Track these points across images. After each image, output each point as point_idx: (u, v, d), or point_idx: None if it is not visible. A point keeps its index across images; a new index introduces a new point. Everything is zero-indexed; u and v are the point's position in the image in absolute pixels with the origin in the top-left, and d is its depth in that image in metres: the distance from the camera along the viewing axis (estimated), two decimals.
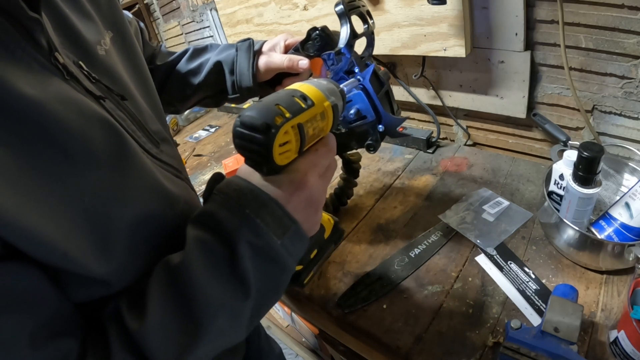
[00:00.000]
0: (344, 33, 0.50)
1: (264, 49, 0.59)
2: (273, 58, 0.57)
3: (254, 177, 0.34)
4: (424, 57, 0.88)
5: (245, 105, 0.60)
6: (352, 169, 0.75)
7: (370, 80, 0.50)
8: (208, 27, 1.58)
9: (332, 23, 0.94)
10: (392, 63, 0.99)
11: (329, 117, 0.37)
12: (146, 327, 0.30)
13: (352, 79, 0.48)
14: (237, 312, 0.33)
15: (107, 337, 0.31)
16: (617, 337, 0.46)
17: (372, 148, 0.55)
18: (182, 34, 1.81)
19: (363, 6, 0.53)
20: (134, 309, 0.31)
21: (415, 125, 1.10)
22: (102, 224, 0.31)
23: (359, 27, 0.53)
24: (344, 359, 0.90)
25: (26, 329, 0.26)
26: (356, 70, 0.51)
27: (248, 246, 0.32)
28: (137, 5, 1.99)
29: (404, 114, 1.10)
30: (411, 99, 1.00)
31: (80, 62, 0.35)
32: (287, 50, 0.58)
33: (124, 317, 0.31)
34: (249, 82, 0.58)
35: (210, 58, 0.61)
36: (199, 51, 0.63)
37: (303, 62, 0.55)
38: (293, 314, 1.19)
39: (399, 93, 1.03)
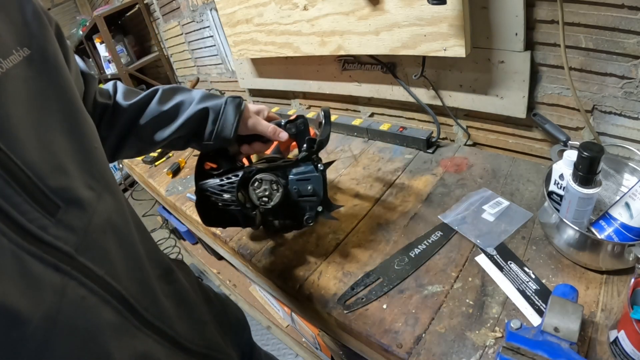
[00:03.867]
0: (327, 132, 0.64)
1: (251, 110, 0.64)
2: (261, 123, 0.63)
3: None
4: (424, 57, 0.88)
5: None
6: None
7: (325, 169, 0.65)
8: (208, 27, 1.58)
9: (332, 23, 0.95)
10: (392, 63, 0.99)
11: None
12: None
13: None
14: None
15: None
16: (617, 337, 0.46)
17: (311, 221, 0.66)
18: (182, 34, 1.81)
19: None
20: None
21: (415, 125, 1.10)
22: None
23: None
24: (344, 359, 0.90)
25: None
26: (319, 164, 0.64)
27: None
28: (137, 5, 1.99)
29: (404, 113, 1.11)
30: (411, 99, 1.00)
31: None
32: (268, 120, 0.67)
33: None
34: (230, 135, 0.61)
35: (186, 101, 0.60)
36: (169, 93, 0.61)
37: (284, 134, 0.64)
38: (293, 314, 1.19)
39: (399, 93, 1.03)
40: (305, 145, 0.65)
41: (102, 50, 2.30)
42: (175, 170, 1.18)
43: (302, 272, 0.70)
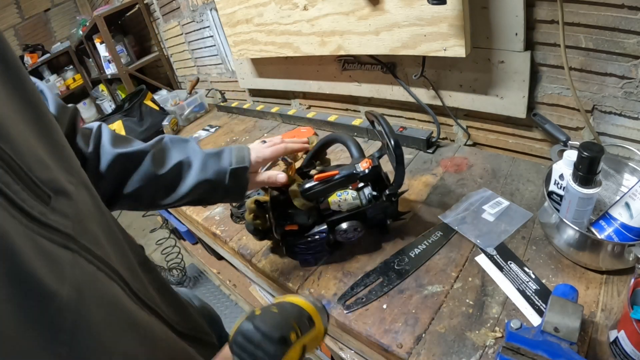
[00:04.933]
0: (401, 176, 0.64)
1: (253, 162, 0.60)
2: (257, 181, 0.62)
3: None
4: (424, 57, 0.88)
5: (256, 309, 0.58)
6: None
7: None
8: (208, 27, 1.58)
9: (332, 23, 0.95)
10: (392, 63, 0.99)
11: (319, 340, 0.43)
12: None
13: None
14: None
15: None
16: (617, 337, 0.46)
17: (387, 231, 0.73)
18: (182, 34, 1.81)
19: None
20: None
21: (415, 125, 1.10)
22: None
23: None
24: (344, 358, 0.90)
25: None
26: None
27: None
28: (137, 5, 1.99)
29: (404, 113, 1.11)
30: (411, 99, 1.00)
31: None
32: (276, 158, 0.65)
33: None
34: (240, 199, 0.63)
35: (184, 163, 0.57)
36: (162, 151, 0.57)
37: (281, 177, 0.61)
38: None
39: (399, 93, 1.03)
40: (385, 199, 0.67)
41: (102, 50, 2.30)
42: None
43: (302, 272, 0.70)
